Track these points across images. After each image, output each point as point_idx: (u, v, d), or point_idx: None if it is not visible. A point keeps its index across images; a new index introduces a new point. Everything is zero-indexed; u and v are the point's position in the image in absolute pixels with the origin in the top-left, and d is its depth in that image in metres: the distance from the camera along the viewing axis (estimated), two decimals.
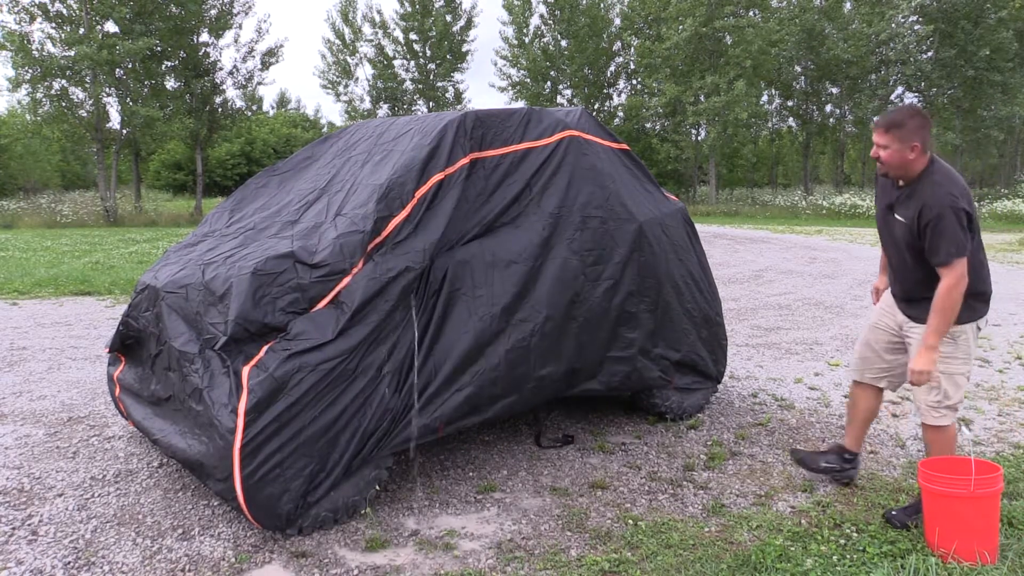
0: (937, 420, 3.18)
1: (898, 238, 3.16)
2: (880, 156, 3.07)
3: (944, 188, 2.96)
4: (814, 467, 3.65)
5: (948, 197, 2.93)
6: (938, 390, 3.15)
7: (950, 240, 2.92)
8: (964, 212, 2.94)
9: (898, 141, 3.01)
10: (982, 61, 27.17)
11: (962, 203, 2.95)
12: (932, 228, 2.95)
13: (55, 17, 23.01)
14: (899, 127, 3.00)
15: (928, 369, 3.03)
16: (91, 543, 3.07)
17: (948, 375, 3.14)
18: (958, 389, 3.14)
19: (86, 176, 44.20)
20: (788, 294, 9.49)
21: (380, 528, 3.20)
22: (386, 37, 34.12)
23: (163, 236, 18.14)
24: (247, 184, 4.51)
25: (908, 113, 3.04)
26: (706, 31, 28.21)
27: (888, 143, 3.03)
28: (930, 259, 3.01)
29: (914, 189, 3.06)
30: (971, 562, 2.82)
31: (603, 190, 4.00)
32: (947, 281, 2.95)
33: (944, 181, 2.99)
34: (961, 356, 3.14)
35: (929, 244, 2.99)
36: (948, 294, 2.95)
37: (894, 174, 3.11)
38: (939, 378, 3.12)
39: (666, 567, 2.87)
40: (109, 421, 4.58)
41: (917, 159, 3.03)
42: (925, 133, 3.01)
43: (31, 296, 9.27)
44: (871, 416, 3.58)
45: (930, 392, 3.16)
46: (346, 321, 3.11)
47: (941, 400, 3.15)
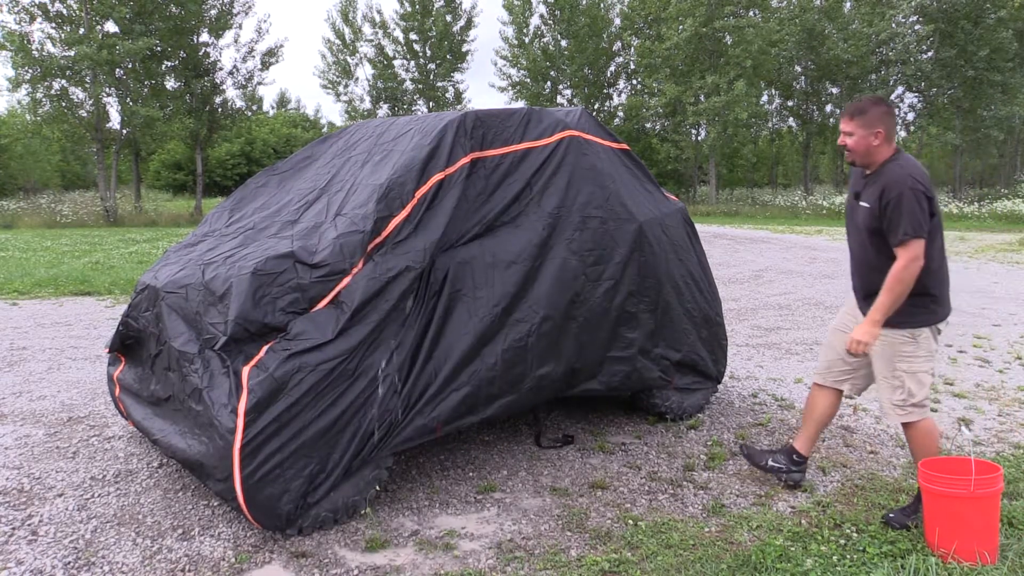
0: (905, 418, 3.21)
1: (860, 225, 3.23)
2: (847, 143, 3.20)
3: (906, 171, 3.07)
4: (761, 464, 3.66)
5: (909, 179, 3.04)
6: (902, 389, 3.19)
7: (908, 219, 3.01)
8: (924, 195, 3.03)
9: (862, 128, 3.14)
10: (982, 61, 27.16)
11: (922, 187, 3.04)
12: (892, 207, 3.04)
13: (55, 17, 23.01)
14: (863, 114, 3.14)
15: (867, 341, 3.11)
16: (91, 543, 3.07)
17: (911, 373, 3.18)
18: (922, 387, 3.18)
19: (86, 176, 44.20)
20: (788, 294, 9.49)
21: (380, 528, 3.20)
22: (386, 37, 34.13)
23: (163, 236, 18.14)
24: (247, 184, 4.51)
25: (871, 101, 3.17)
26: (706, 31, 28.21)
27: (853, 130, 3.16)
28: (889, 239, 3.08)
29: (878, 175, 3.16)
30: (971, 562, 2.82)
31: (603, 190, 4.00)
32: (901, 261, 3.03)
33: (907, 166, 3.10)
34: (923, 354, 3.18)
35: (889, 223, 3.07)
36: (901, 272, 3.03)
37: (860, 161, 3.22)
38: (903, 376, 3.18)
39: (666, 567, 2.87)
40: (109, 421, 4.58)
41: (881, 146, 3.15)
42: (889, 121, 3.14)
43: (31, 296, 9.27)
44: (826, 420, 3.58)
45: (894, 392, 3.21)
46: (346, 321, 3.11)
47: (906, 399, 3.19)
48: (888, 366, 3.21)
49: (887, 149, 3.16)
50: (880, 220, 3.10)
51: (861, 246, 3.27)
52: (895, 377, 3.19)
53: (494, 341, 3.50)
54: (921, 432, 3.22)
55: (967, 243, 16.36)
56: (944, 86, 29.17)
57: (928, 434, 3.22)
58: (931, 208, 3.05)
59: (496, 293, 3.52)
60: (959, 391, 5.24)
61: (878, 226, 3.12)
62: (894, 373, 3.20)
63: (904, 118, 32.99)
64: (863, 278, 3.31)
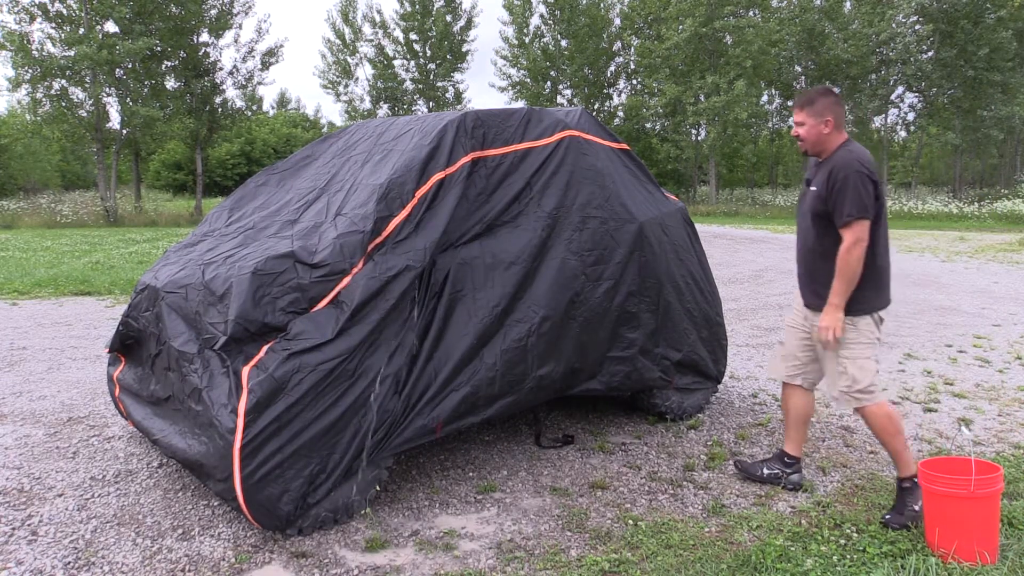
0: (855, 404, 3.27)
1: (807, 209, 3.33)
2: (799, 133, 3.32)
3: (854, 155, 3.18)
4: (757, 476, 3.68)
5: (856, 163, 3.15)
6: (845, 375, 3.26)
7: (853, 200, 3.11)
8: (870, 179, 3.14)
9: (813, 117, 3.26)
10: (982, 61, 27.16)
11: (868, 171, 3.15)
12: (839, 189, 3.14)
13: (55, 17, 23.02)
14: (812, 104, 3.27)
15: (831, 326, 3.19)
16: (91, 543, 3.07)
17: (852, 359, 3.25)
18: (865, 372, 3.24)
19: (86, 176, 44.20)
20: (788, 294, 9.49)
21: (380, 528, 3.20)
22: (386, 37, 34.14)
23: (163, 236, 18.14)
24: (247, 183, 4.51)
25: (820, 91, 3.30)
26: (706, 31, 28.20)
27: (804, 120, 3.29)
28: (835, 220, 3.17)
29: (828, 160, 3.28)
30: (971, 562, 2.82)
31: (603, 190, 4.00)
32: (847, 242, 3.13)
33: (855, 151, 3.21)
34: (864, 341, 3.25)
35: (835, 204, 3.16)
36: (846, 254, 3.13)
37: (812, 150, 3.33)
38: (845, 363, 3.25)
39: (666, 567, 2.87)
40: (109, 421, 4.58)
41: (832, 134, 3.27)
42: (838, 110, 3.26)
43: (31, 296, 9.27)
44: (805, 416, 3.60)
45: (839, 379, 3.29)
46: (346, 320, 3.10)
47: (850, 385, 3.25)
48: (832, 355, 3.31)
49: (837, 137, 3.28)
50: (827, 203, 3.20)
51: (807, 231, 3.36)
52: (840, 364, 3.28)
53: (494, 341, 3.50)
54: (877, 416, 3.28)
55: (967, 243, 16.36)
56: (944, 86, 29.17)
57: (886, 417, 3.27)
58: (876, 192, 3.15)
59: (496, 294, 3.52)
60: (959, 391, 5.24)
61: (824, 209, 3.22)
62: (837, 361, 3.29)
63: (904, 118, 32.99)
64: (807, 264, 3.39)
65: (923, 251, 14.70)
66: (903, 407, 4.89)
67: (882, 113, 31.67)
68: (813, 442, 4.25)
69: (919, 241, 16.95)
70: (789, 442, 3.65)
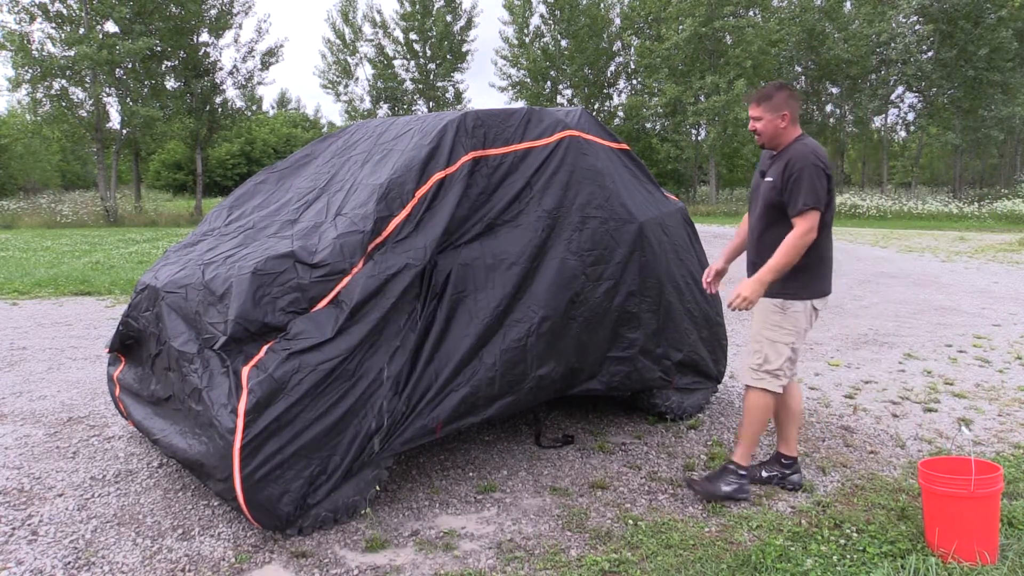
0: (756, 381, 3.37)
1: (761, 199, 3.40)
2: (756, 128, 3.39)
3: (810, 149, 3.27)
4: (756, 479, 3.68)
5: (812, 156, 3.24)
6: (760, 353, 3.36)
7: (808, 191, 3.19)
8: (824, 173, 3.23)
9: (769, 112, 3.33)
10: (982, 61, 27.17)
11: (823, 164, 3.24)
12: (794, 180, 3.22)
13: (55, 17, 23.03)
14: (768, 99, 3.32)
15: (748, 296, 3.23)
16: (91, 543, 3.07)
17: (771, 341, 3.34)
18: (779, 357, 3.33)
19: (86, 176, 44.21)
20: None
21: (380, 528, 3.20)
22: (386, 37, 34.15)
23: (163, 236, 18.14)
24: (246, 182, 4.51)
25: (776, 86, 3.35)
26: (706, 31, 28.20)
27: (761, 115, 3.35)
28: (789, 210, 3.25)
29: (785, 153, 3.34)
30: (971, 562, 2.82)
31: (603, 190, 4.00)
32: (798, 229, 3.21)
33: (811, 145, 3.30)
34: (788, 327, 3.33)
35: (789, 195, 3.24)
36: (796, 239, 3.20)
37: (769, 144, 3.41)
38: (763, 342, 3.35)
39: (666, 567, 2.87)
40: (109, 421, 4.58)
41: (788, 128, 3.35)
42: (794, 104, 3.34)
43: (31, 296, 9.27)
44: (791, 412, 3.60)
45: (753, 355, 3.39)
46: (345, 319, 3.10)
47: (761, 363, 3.35)
48: (755, 330, 3.39)
49: (793, 131, 3.36)
50: (781, 193, 3.27)
51: (759, 220, 3.42)
52: (756, 341, 3.38)
53: (493, 342, 3.50)
54: (761, 401, 3.37)
55: (967, 243, 16.36)
56: (944, 86, 29.18)
57: (767, 408, 3.39)
58: (828, 186, 3.25)
59: (496, 295, 3.52)
60: (959, 391, 5.24)
61: (779, 200, 3.29)
62: (756, 337, 3.38)
63: (904, 118, 33.00)
64: (757, 253, 3.44)
65: (923, 251, 14.70)
66: (903, 407, 4.90)
67: (882, 113, 31.69)
68: (813, 442, 4.25)
69: (919, 241, 16.95)
70: (781, 443, 3.67)
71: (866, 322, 7.69)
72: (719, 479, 3.45)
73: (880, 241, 17.01)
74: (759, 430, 3.43)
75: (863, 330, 7.30)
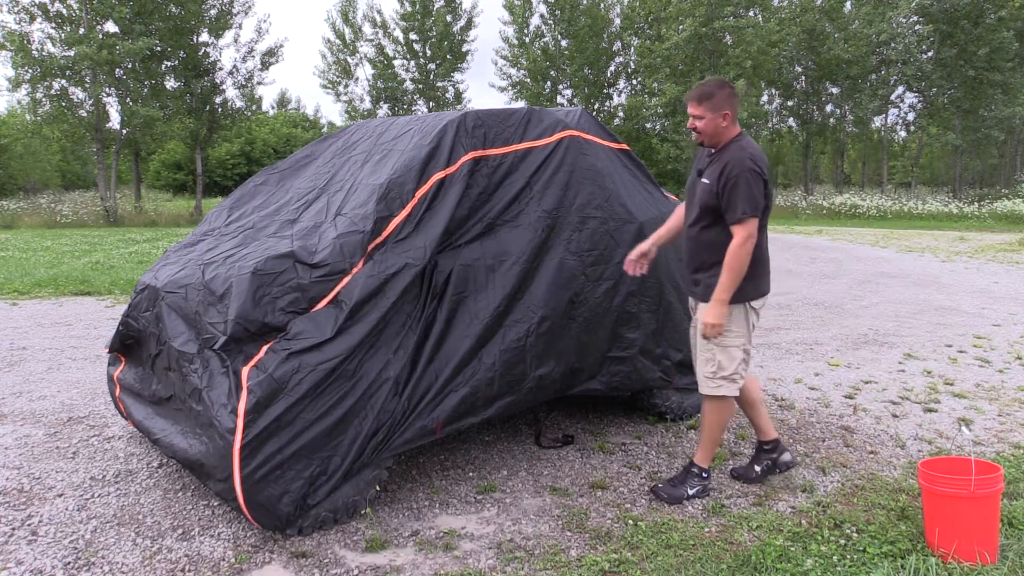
0: (714, 390, 3.36)
1: (697, 201, 3.37)
2: (696, 127, 3.33)
3: (748, 153, 3.22)
4: (753, 477, 3.71)
5: (749, 161, 3.19)
6: (713, 361, 3.35)
7: (746, 199, 3.17)
8: (762, 179, 3.21)
9: (711, 111, 3.26)
10: (982, 61, 27.16)
11: (759, 169, 3.20)
12: (731, 187, 3.18)
13: (55, 17, 23.02)
14: (710, 98, 3.26)
15: (717, 322, 3.25)
16: (91, 543, 3.07)
17: (723, 347, 3.33)
18: (732, 361, 3.34)
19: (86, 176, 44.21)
20: (788, 294, 9.49)
21: (380, 528, 3.20)
22: (386, 37, 34.13)
23: (163, 236, 18.14)
24: (246, 183, 4.51)
25: (717, 84, 3.29)
26: (706, 31, 28.21)
27: (702, 114, 3.29)
28: (727, 217, 3.22)
29: (722, 154, 3.30)
30: (971, 562, 2.82)
31: (603, 190, 4.00)
32: (738, 238, 3.19)
33: (749, 148, 3.25)
34: (735, 330, 3.33)
35: (727, 201, 3.21)
36: (737, 251, 3.19)
37: (709, 142, 3.36)
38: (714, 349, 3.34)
39: (666, 567, 2.87)
40: (109, 421, 4.58)
41: (728, 127, 3.30)
42: (734, 102, 3.29)
43: (31, 296, 9.27)
44: (752, 402, 3.66)
45: (706, 364, 3.37)
46: (345, 319, 3.10)
47: (715, 371, 3.34)
48: (703, 340, 3.37)
49: (732, 129, 3.32)
50: (718, 198, 3.24)
51: (695, 221, 3.41)
52: (708, 350, 3.36)
53: (492, 342, 3.50)
54: (723, 411, 3.40)
55: (967, 243, 16.36)
56: (944, 86, 29.17)
57: (728, 410, 3.41)
58: (765, 190, 3.23)
59: (497, 295, 3.52)
60: (959, 391, 5.24)
61: (715, 204, 3.26)
62: (707, 347, 3.36)
63: (904, 118, 33.00)
64: (692, 252, 3.44)
65: (923, 251, 14.70)
66: (903, 407, 4.90)
67: (882, 113, 31.67)
68: (813, 442, 4.25)
69: (919, 241, 16.96)
70: (757, 430, 3.73)
71: (866, 322, 7.69)
72: (683, 483, 3.47)
73: (880, 241, 17.02)
74: (720, 434, 3.46)
75: (863, 330, 7.30)
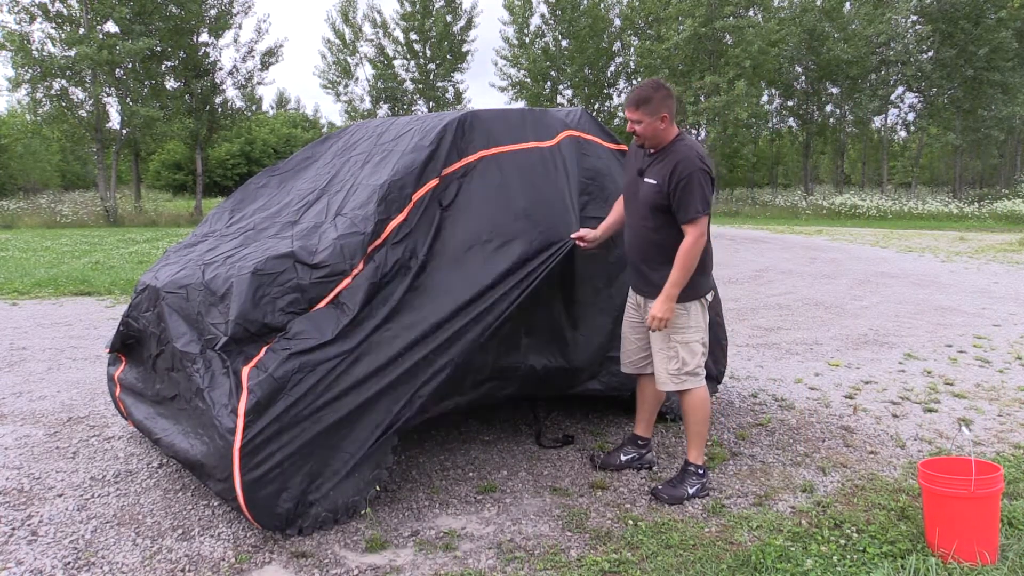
0: (679, 385, 3.44)
1: (642, 201, 3.40)
2: (636, 130, 3.36)
3: (695, 152, 3.29)
4: (616, 465, 3.80)
5: (698, 160, 3.25)
6: (676, 359, 3.42)
7: (700, 198, 3.24)
8: (710, 179, 3.29)
9: (649, 115, 3.29)
10: (982, 61, 27.15)
11: (707, 167, 3.28)
12: (683, 187, 3.24)
13: (55, 17, 23.03)
14: (647, 102, 3.28)
15: (664, 316, 3.31)
16: (91, 543, 3.07)
17: (684, 344, 3.42)
18: (694, 355, 3.43)
19: (86, 176, 44.22)
20: (788, 294, 9.49)
21: (380, 528, 3.20)
22: (386, 37, 34.13)
23: (163, 236, 18.15)
24: (247, 184, 4.51)
25: (652, 87, 3.31)
26: (706, 31, 28.20)
27: (640, 118, 3.31)
28: (679, 216, 3.28)
29: (666, 154, 3.34)
30: (971, 562, 2.82)
31: (603, 191, 4.00)
32: (690, 237, 3.26)
33: (694, 146, 3.33)
34: (693, 325, 3.42)
35: (679, 201, 3.26)
36: (691, 248, 3.26)
37: (649, 144, 3.40)
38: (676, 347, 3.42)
39: (666, 567, 2.87)
40: (109, 421, 4.58)
41: (668, 128, 3.34)
42: (671, 103, 3.32)
43: (31, 296, 9.27)
44: (657, 401, 3.79)
45: (669, 362, 3.43)
46: (345, 320, 3.10)
47: (680, 367, 3.42)
48: (663, 338, 3.44)
49: (672, 130, 3.36)
50: (668, 198, 3.29)
51: (641, 220, 3.42)
52: (670, 348, 3.42)
53: (491, 340, 3.51)
54: (697, 400, 3.45)
55: (967, 243, 16.36)
56: (944, 86, 29.17)
57: (705, 401, 3.46)
58: (712, 187, 3.32)
59: (497, 293, 3.52)
60: (959, 391, 5.24)
61: (665, 204, 3.30)
62: (669, 345, 3.43)
63: (904, 118, 33.00)
64: (641, 252, 3.48)
65: (923, 251, 14.70)
66: (903, 407, 4.90)
67: (882, 113, 31.67)
68: (813, 442, 4.25)
69: (919, 241, 16.96)
70: (639, 425, 3.83)
71: (866, 322, 7.69)
72: (682, 483, 3.49)
73: (880, 241, 17.02)
74: (704, 427, 3.50)
75: (863, 330, 7.30)
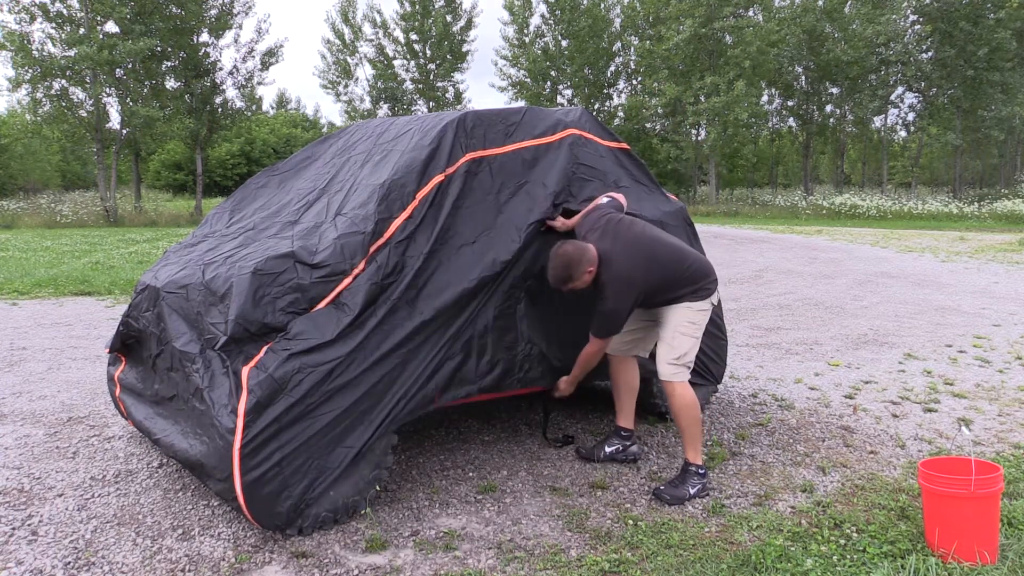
0: (673, 375, 3.50)
1: None
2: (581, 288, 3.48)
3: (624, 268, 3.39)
4: (600, 457, 3.86)
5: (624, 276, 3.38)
6: (678, 349, 3.50)
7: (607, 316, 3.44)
8: (634, 288, 3.42)
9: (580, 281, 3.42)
10: (981, 61, 27.16)
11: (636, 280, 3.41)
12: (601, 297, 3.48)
13: (55, 17, 23.02)
14: (571, 280, 3.40)
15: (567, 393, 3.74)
16: (91, 543, 3.07)
17: (689, 336, 3.51)
18: (693, 350, 3.55)
19: (86, 176, 44.22)
20: (788, 294, 9.49)
21: (380, 528, 3.20)
22: (386, 37, 34.17)
23: (163, 236, 18.15)
24: (247, 184, 4.51)
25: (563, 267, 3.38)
26: (706, 32, 28.20)
27: (574, 287, 3.46)
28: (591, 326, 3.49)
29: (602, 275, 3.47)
30: (971, 562, 2.82)
31: (603, 190, 3.99)
32: (591, 347, 3.54)
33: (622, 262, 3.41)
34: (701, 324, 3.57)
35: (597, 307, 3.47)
36: (591, 356, 3.56)
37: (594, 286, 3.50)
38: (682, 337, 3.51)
39: (666, 567, 2.87)
40: (109, 421, 4.58)
41: (594, 268, 3.43)
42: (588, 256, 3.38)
43: (31, 296, 9.27)
44: (632, 388, 3.86)
45: (671, 350, 3.51)
46: (346, 320, 3.10)
47: (679, 356, 3.50)
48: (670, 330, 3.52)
49: (595, 263, 3.44)
50: None
51: None
52: (674, 339, 3.51)
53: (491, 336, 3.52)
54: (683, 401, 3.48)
55: (967, 243, 16.36)
56: (944, 86, 29.18)
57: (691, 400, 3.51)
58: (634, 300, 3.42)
59: (496, 292, 3.53)
60: (959, 391, 5.24)
61: None
62: (673, 335, 3.51)
63: (904, 118, 33.01)
64: None
65: (923, 251, 14.70)
66: (903, 407, 4.90)
67: (882, 113, 31.69)
68: (813, 442, 4.25)
69: (919, 241, 16.96)
70: (620, 415, 3.87)
71: (866, 322, 7.69)
72: (683, 483, 3.50)
73: (880, 241, 17.02)
74: (697, 425, 3.51)
75: (863, 330, 7.30)
